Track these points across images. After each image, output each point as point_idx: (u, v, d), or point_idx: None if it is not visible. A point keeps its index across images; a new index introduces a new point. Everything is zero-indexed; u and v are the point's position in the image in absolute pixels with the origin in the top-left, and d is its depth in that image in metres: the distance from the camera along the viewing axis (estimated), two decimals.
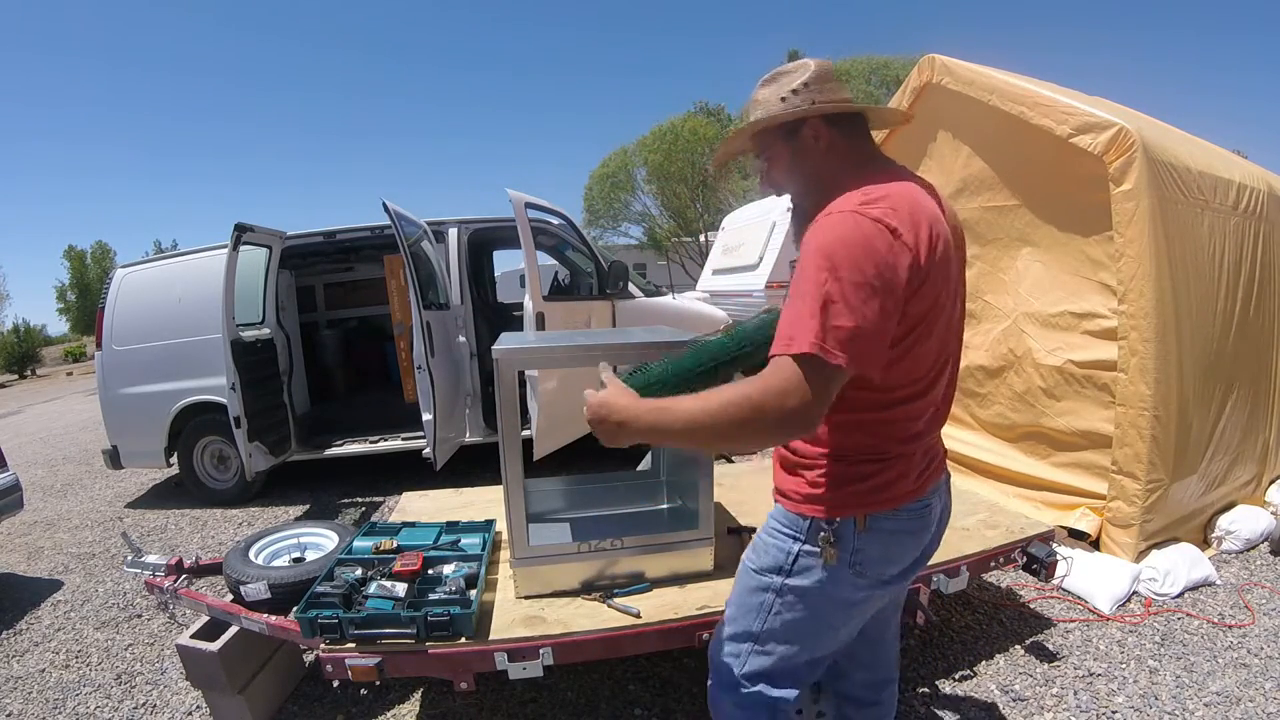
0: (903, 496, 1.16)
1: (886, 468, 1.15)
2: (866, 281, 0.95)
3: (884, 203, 1.02)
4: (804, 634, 1.24)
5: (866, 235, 0.98)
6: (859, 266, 0.95)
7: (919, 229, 1.02)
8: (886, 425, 1.14)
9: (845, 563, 1.16)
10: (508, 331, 2.65)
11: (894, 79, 19.42)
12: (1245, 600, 2.67)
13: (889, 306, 0.97)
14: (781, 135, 1.19)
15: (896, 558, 1.20)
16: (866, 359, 0.96)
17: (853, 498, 1.15)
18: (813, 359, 0.93)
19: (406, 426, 4.95)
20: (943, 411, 1.23)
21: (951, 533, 2.28)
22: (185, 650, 2.10)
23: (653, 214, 25.02)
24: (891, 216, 1.00)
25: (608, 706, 2.18)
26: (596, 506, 2.37)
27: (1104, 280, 3.00)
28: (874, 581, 1.19)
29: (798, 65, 1.19)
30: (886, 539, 1.17)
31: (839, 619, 1.24)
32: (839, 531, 1.16)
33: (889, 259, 0.97)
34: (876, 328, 0.96)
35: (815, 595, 1.20)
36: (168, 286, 4.80)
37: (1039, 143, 3.16)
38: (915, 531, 1.20)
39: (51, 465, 6.70)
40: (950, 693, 2.18)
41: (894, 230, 0.99)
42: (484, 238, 5.33)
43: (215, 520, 4.45)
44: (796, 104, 1.15)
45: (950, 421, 4.13)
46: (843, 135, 1.18)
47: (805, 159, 1.19)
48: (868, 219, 0.99)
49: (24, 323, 24.83)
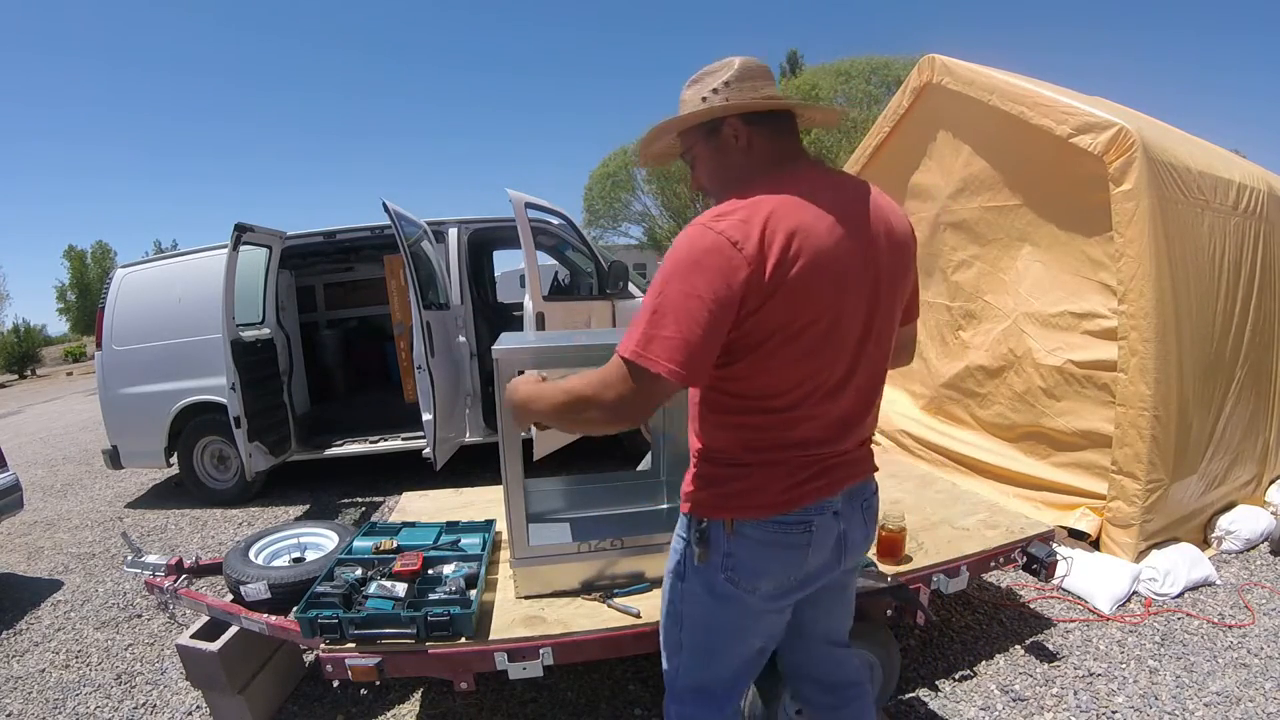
0: (765, 507, 1.13)
1: (745, 474, 1.14)
2: (694, 294, 0.98)
3: (738, 214, 1.02)
4: (711, 639, 1.23)
5: (704, 249, 1.00)
6: (690, 279, 0.99)
7: (770, 243, 1.00)
8: (749, 432, 1.13)
9: (718, 566, 1.17)
10: (508, 331, 2.65)
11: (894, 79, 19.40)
12: (1245, 600, 2.67)
13: (716, 319, 0.99)
14: (703, 135, 1.18)
15: (768, 572, 1.16)
16: (689, 369, 0.99)
17: (716, 500, 1.16)
18: (631, 363, 1.00)
19: (406, 426, 4.95)
20: (842, 432, 1.17)
21: (952, 532, 2.31)
22: (185, 650, 2.10)
23: (653, 214, 25.02)
24: (738, 229, 1.00)
25: (608, 706, 2.18)
26: (596, 506, 2.37)
27: (1104, 280, 3.00)
28: (750, 592, 1.16)
29: (722, 64, 1.17)
30: (755, 548, 1.15)
31: (736, 624, 1.21)
32: (708, 532, 1.17)
33: (722, 273, 0.98)
34: (698, 340, 0.98)
35: (706, 598, 1.20)
36: (168, 286, 4.79)
37: (1039, 143, 3.16)
38: (787, 547, 1.15)
39: (51, 465, 6.69)
40: (950, 693, 2.18)
41: (735, 244, 0.99)
42: (484, 238, 5.32)
43: (215, 520, 4.45)
44: (716, 103, 1.14)
45: (950, 421, 4.11)
46: (763, 134, 1.16)
47: (725, 158, 1.18)
48: (712, 232, 1.01)
49: (24, 323, 24.81)
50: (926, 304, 3.97)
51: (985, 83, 3.39)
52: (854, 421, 1.19)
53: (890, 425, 4.16)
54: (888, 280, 1.15)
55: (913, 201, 3.97)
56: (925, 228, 3.89)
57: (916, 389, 4.13)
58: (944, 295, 3.85)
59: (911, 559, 2.10)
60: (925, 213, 3.88)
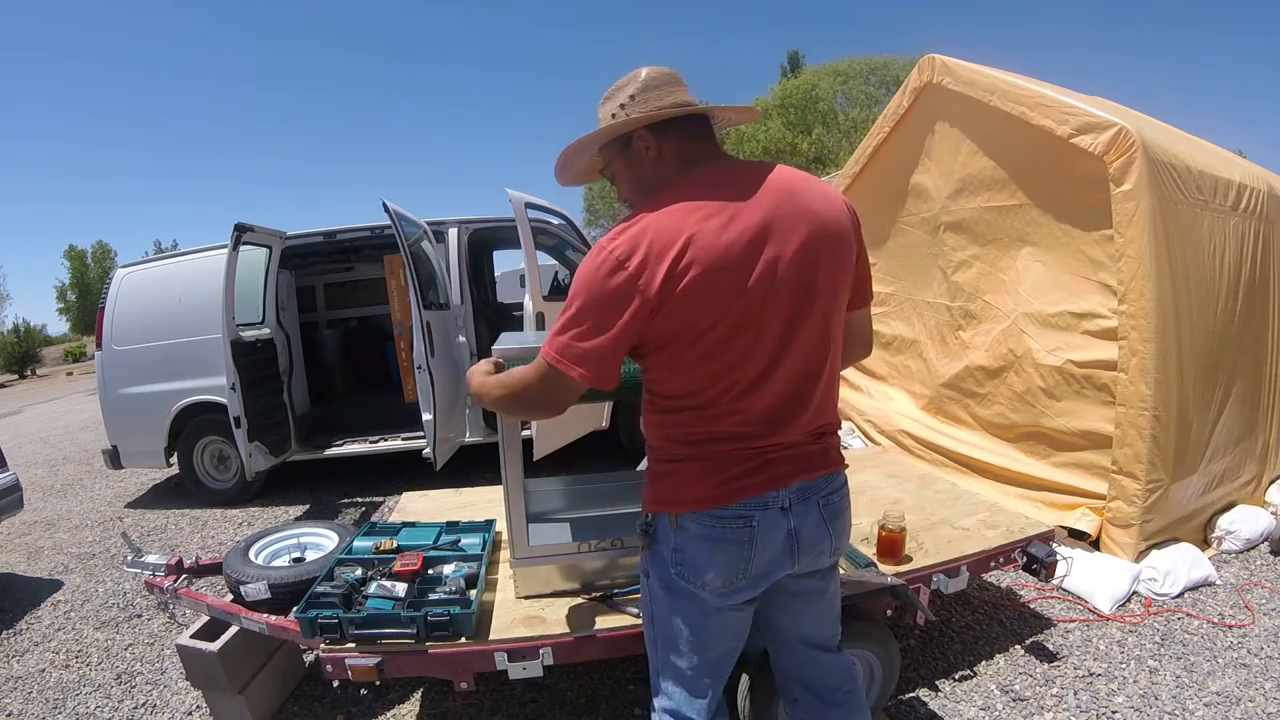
0: (700, 500, 1.16)
1: (678, 469, 1.20)
2: (591, 306, 1.09)
3: (629, 231, 1.08)
4: (676, 636, 1.25)
5: (597, 266, 1.09)
6: (589, 293, 1.09)
7: (659, 256, 1.05)
8: (677, 428, 1.19)
9: (668, 561, 1.22)
10: (508, 331, 2.65)
11: (893, 79, 19.43)
12: (1245, 600, 2.67)
13: (614, 330, 1.08)
14: (617, 150, 1.24)
15: (712, 565, 1.17)
16: (596, 374, 1.10)
17: (659, 494, 1.23)
18: (546, 364, 1.13)
19: (406, 426, 4.95)
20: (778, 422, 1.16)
21: (952, 532, 2.31)
22: (185, 650, 2.10)
23: None
24: (626, 245, 1.07)
25: (608, 706, 2.18)
26: (596, 506, 2.37)
27: (1104, 280, 3.00)
28: (699, 587, 1.19)
29: (629, 77, 1.22)
30: (698, 543, 1.18)
31: (693, 620, 1.23)
32: (654, 526, 1.24)
33: (612, 290, 1.07)
34: (598, 347, 1.08)
35: (663, 594, 1.25)
36: (168, 286, 4.79)
37: (1039, 143, 3.16)
38: (732, 542, 1.16)
39: (51, 465, 6.70)
40: (950, 693, 2.18)
41: (621, 261, 1.07)
42: (484, 238, 5.33)
43: (215, 520, 4.45)
44: (624, 117, 1.18)
45: (950, 421, 4.11)
46: (674, 141, 1.19)
47: (639, 169, 1.23)
48: (605, 251, 1.09)
49: (24, 323, 24.86)
50: (927, 304, 3.97)
51: (986, 83, 3.39)
52: (787, 414, 1.17)
53: (890, 425, 4.16)
54: (811, 269, 1.13)
55: (913, 201, 3.97)
56: (925, 228, 3.89)
57: (916, 389, 4.13)
58: (944, 295, 3.85)
59: (911, 559, 2.10)
60: (925, 213, 3.88)
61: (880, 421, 4.25)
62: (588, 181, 1.46)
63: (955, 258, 3.74)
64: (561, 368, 1.11)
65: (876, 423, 4.27)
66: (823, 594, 1.36)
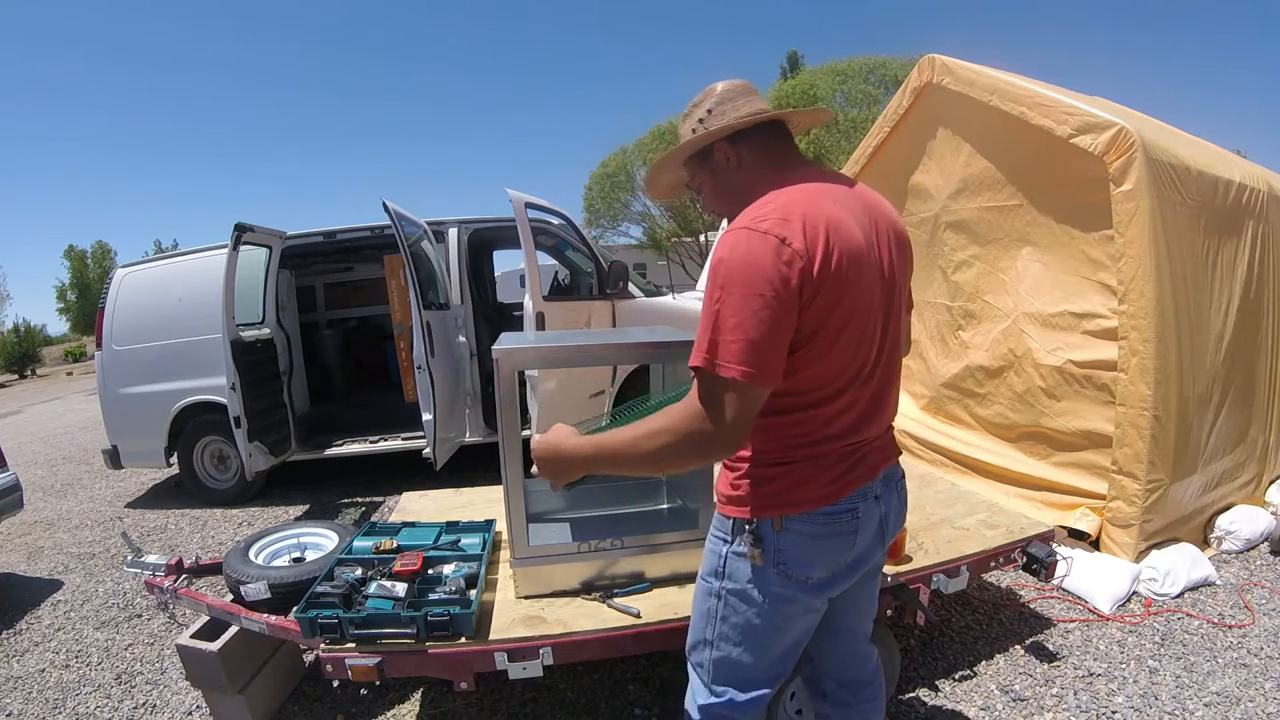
0: (812, 500, 1.16)
1: (790, 471, 1.16)
2: (757, 294, 1.00)
3: (775, 213, 1.05)
4: (751, 637, 1.24)
5: (755, 249, 1.02)
6: (749, 281, 1.00)
7: (813, 236, 1.03)
8: (788, 430, 1.15)
9: (770, 562, 1.19)
10: (508, 331, 2.65)
11: (892, 79, 19.39)
12: (1245, 600, 2.67)
13: (781, 317, 1.01)
14: (699, 163, 1.27)
15: (819, 561, 1.19)
16: (766, 371, 1.01)
17: (764, 499, 1.18)
18: (716, 379, 1.01)
19: (406, 426, 4.95)
20: (871, 417, 1.20)
21: (952, 532, 2.31)
22: (185, 650, 2.10)
23: (653, 214, 25.02)
24: (781, 226, 1.03)
25: (608, 706, 2.18)
26: (596, 506, 2.37)
27: (1104, 280, 3.00)
28: (801, 583, 1.19)
29: (705, 92, 1.25)
30: (805, 541, 1.17)
31: (778, 620, 1.23)
32: (758, 532, 1.19)
33: (779, 270, 1.00)
34: (771, 340, 1.01)
35: (750, 597, 1.21)
36: (168, 286, 4.80)
37: (1039, 143, 3.16)
38: (837, 535, 1.19)
39: (51, 465, 6.70)
40: (950, 693, 2.18)
41: (782, 239, 1.01)
42: (484, 238, 5.33)
43: (215, 520, 4.45)
44: (703, 131, 1.21)
45: (950, 421, 4.11)
46: (752, 149, 1.22)
47: (722, 179, 1.25)
48: (757, 233, 1.03)
49: (24, 323, 24.85)
50: (927, 304, 3.97)
51: (986, 83, 3.39)
52: (882, 408, 1.23)
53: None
54: (899, 271, 1.21)
55: (913, 201, 3.97)
56: (925, 228, 3.89)
57: (916, 389, 4.13)
58: (944, 295, 3.85)
59: (911, 559, 2.10)
60: (925, 213, 3.88)
61: None
62: (676, 196, 1.52)
63: (955, 258, 3.74)
64: (744, 377, 0.99)
65: None
66: (876, 576, 1.41)
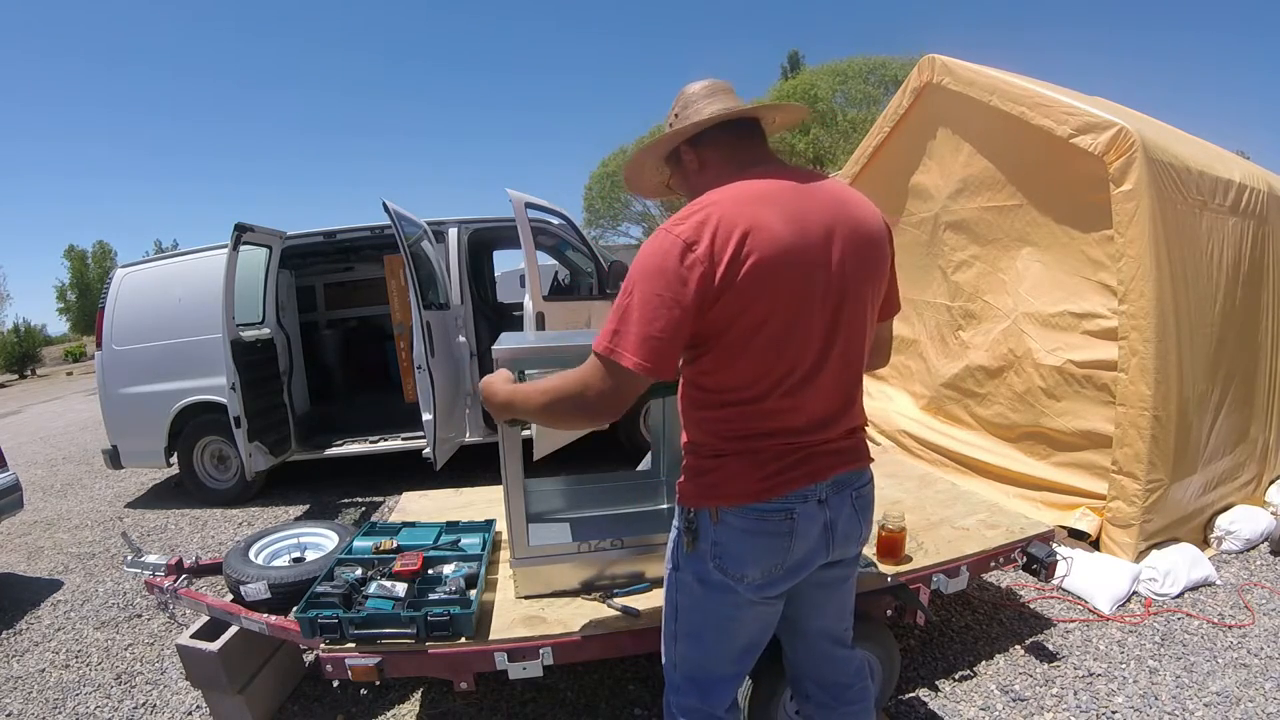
0: (744, 495, 1.17)
1: (723, 464, 1.18)
2: (655, 294, 1.06)
3: (694, 217, 1.08)
4: (704, 629, 1.27)
5: (661, 251, 1.08)
6: (650, 280, 1.07)
7: (724, 240, 1.05)
8: (721, 424, 1.19)
9: (706, 555, 1.21)
10: (508, 331, 2.65)
11: (892, 79, 19.40)
12: (1245, 600, 2.67)
13: (675, 317, 1.06)
14: (672, 165, 1.33)
15: (753, 559, 1.19)
16: (656, 363, 1.06)
17: (700, 490, 1.22)
18: (605, 360, 1.08)
19: (406, 426, 4.94)
20: (823, 419, 1.19)
21: (952, 532, 2.31)
22: (185, 650, 2.10)
23: (652, 214, 25.02)
24: (694, 230, 1.07)
25: (608, 706, 2.18)
26: (596, 506, 2.37)
27: (1104, 280, 3.00)
28: (737, 579, 1.20)
29: (680, 94, 1.30)
30: (738, 536, 1.19)
31: (727, 611, 1.25)
32: (696, 521, 1.22)
33: (678, 273, 1.05)
34: (661, 335, 1.05)
35: (697, 587, 1.25)
36: (168, 286, 4.79)
37: (1039, 143, 3.16)
38: (769, 535, 1.18)
39: (51, 465, 6.69)
40: (950, 693, 2.18)
41: (689, 244, 1.06)
42: (484, 238, 5.32)
43: (215, 520, 4.45)
44: (668, 133, 1.27)
45: (950, 421, 4.10)
46: (717, 149, 1.25)
47: (689, 180, 1.29)
48: (670, 235, 1.08)
49: (24, 323, 24.83)
50: (927, 304, 3.97)
51: (986, 83, 3.39)
52: (830, 412, 1.21)
53: (890, 425, 4.16)
54: (856, 275, 1.18)
55: (913, 201, 3.97)
56: (925, 228, 3.89)
57: (916, 389, 4.13)
58: (944, 295, 3.85)
59: (911, 559, 2.10)
60: (925, 213, 3.88)
61: (880, 422, 4.25)
62: (660, 196, 1.54)
63: (955, 258, 3.74)
64: (618, 359, 1.06)
65: (877, 423, 4.27)
66: (844, 583, 1.40)
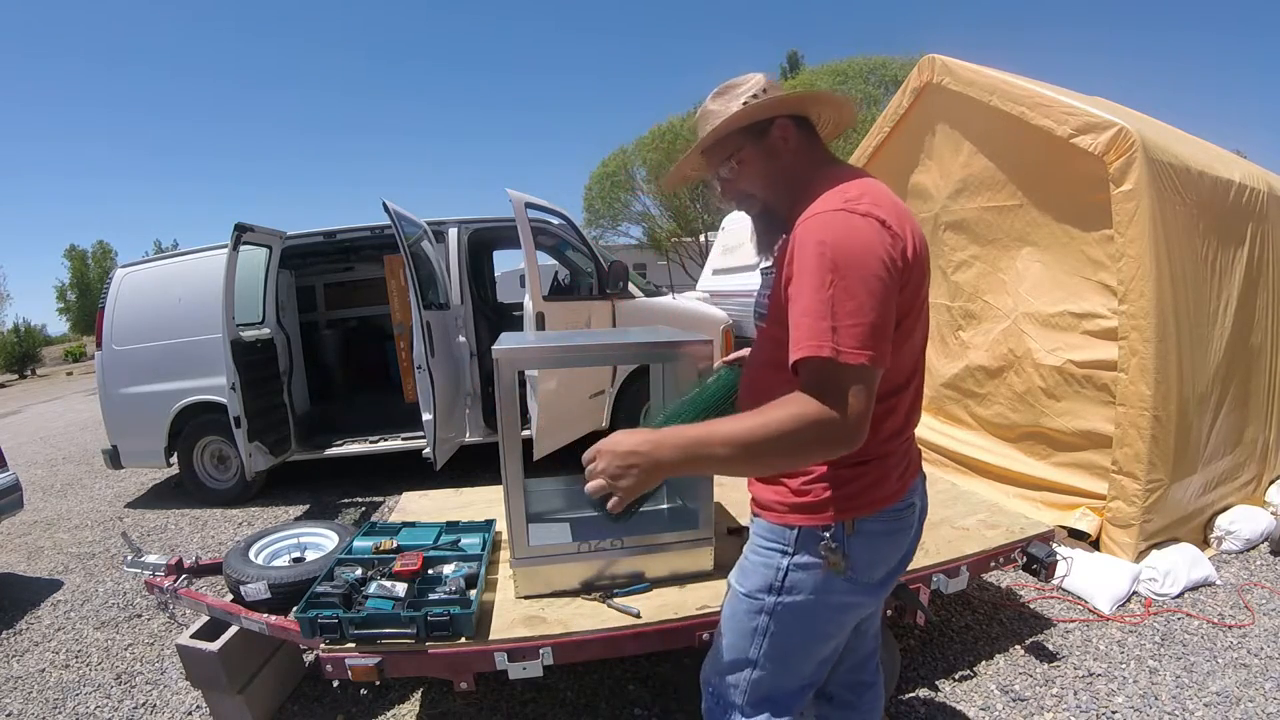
0: (887, 499, 1.16)
1: (867, 471, 1.13)
2: (875, 275, 0.96)
3: (866, 198, 1.02)
4: (800, 650, 1.23)
5: (864, 231, 0.98)
6: (864, 263, 0.96)
7: (900, 222, 1.03)
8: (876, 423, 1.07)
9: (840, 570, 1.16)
10: (508, 331, 2.65)
11: (891, 79, 19.36)
12: (1245, 600, 2.67)
13: (892, 300, 0.98)
14: (751, 138, 1.16)
15: (882, 560, 1.20)
16: (885, 354, 0.96)
17: (841, 502, 1.13)
18: (841, 368, 0.92)
19: (406, 426, 4.95)
20: (916, 407, 1.21)
21: (952, 532, 2.30)
22: (185, 650, 2.10)
23: (653, 214, 24.99)
24: (877, 209, 1.01)
25: (608, 706, 2.18)
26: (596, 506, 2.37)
27: (1104, 280, 3.00)
28: (864, 585, 1.19)
29: (748, 77, 1.18)
30: (873, 541, 1.16)
31: (833, 627, 1.23)
32: (837, 537, 1.14)
33: (887, 251, 0.98)
34: (888, 322, 0.97)
35: (809, 608, 1.18)
36: (168, 286, 4.80)
37: (1039, 143, 3.16)
38: (898, 532, 1.20)
39: (51, 465, 6.69)
40: (950, 693, 2.18)
41: (884, 222, 1.00)
42: (484, 238, 5.33)
43: (215, 520, 4.45)
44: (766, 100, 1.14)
45: (950, 421, 4.10)
46: (806, 137, 1.19)
47: (775, 161, 1.17)
48: (858, 215, 0.99)
49: (24, 322, 24.85)
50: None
51: (986, 83, 3.39)
52: (919, 402, 1.23)
53: None
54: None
55: (913, 201, 3.96)
56: (925, 228, 3.87)
57: None
58: (944, 295, 3.85)
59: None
60: (925, 213, 3.88)
61: None
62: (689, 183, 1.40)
63: (955, 258, 3.74)
64: (871, 362, 0.93)
65: None
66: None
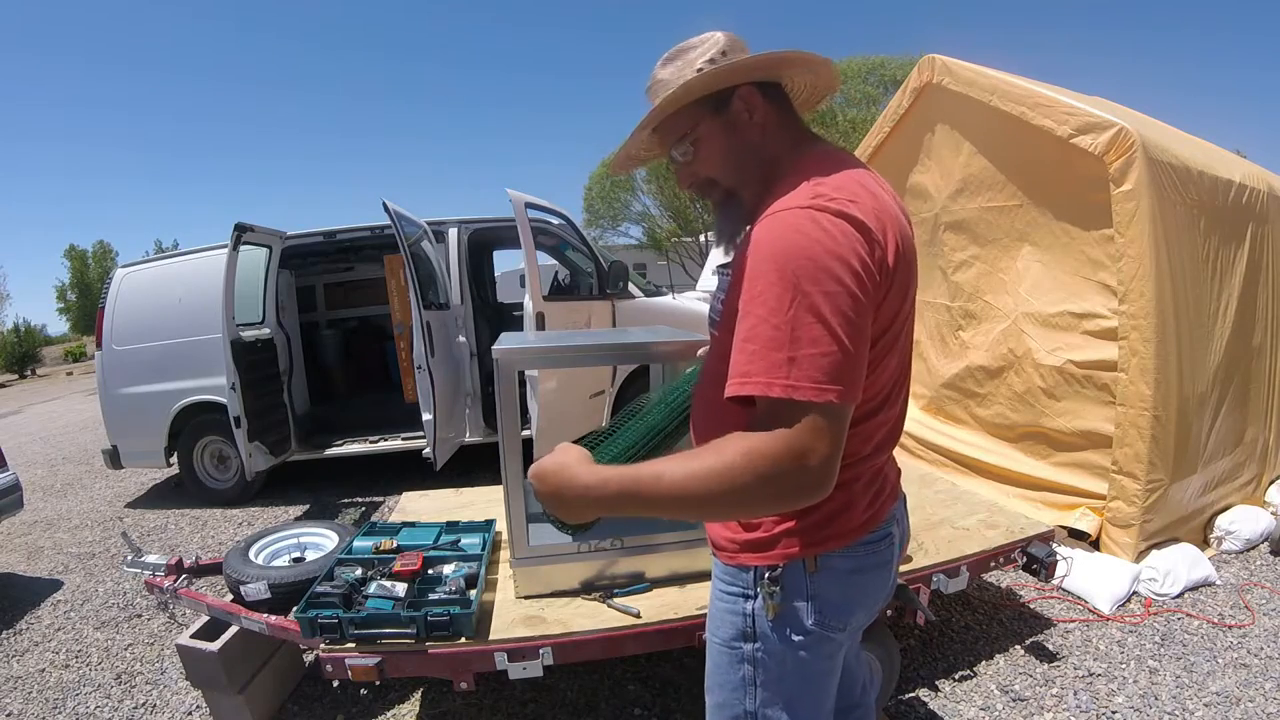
0: (855, 530, 0.98)
1: (830, 497, 0.86)
2: (842, 292, 0.78)
3: (842, 194, 0.84)
4: (798, 695, 1.05)
5: (831, 234, 0.80)
6: (831, 274, 0.78)
7: (880, 223, 0.85)
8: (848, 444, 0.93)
9: (805, 612, 0.99)
10: (508, 331, 2.65)
11: (890, 79, 19.34)
12: (1245, 600, 2.67)
13: (866, 320, 0.82)
14: (709, 110, 0.96)
15: (860, 599, 1.03)
16: (856, 386, 0.80)
17: (800, 535, 0.97)
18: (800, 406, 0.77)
19: (406, 426, 4.95)
20: (896, 430, 1.03)
21: (952, 532, 2.31)
22: (185, 650, 2.10)
23: (653, 214, 24.99)
24: (854, 207, 0.83)
25: (608, 706, 2.18)
26: None
27: (1104, 280, 3.00)
28: (841, 630, 1.02)
29: (704, 37, 0.99)
30: (845, 579, 0.99)
31: (827, 670, 1.06)
32: (784, 579, 0.98)
33: (861, 262, 0.80)
34: (860, 347, 0.81)
35: (789, 654, 1.01)
36: (168, 286, 4.80)
37: (1039, 143, 3.16)
38: (875, 569, 1.03)
39: (51, 465, 6.69)
40: (950, 693, 2.18)
41: (860, 224, 0.82)
42: (484, 238, 5.33)
43: (215, 520, 4.45)
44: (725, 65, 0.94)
45: (950, 421, 4.11)
46: (778, 109, 0.99)
47: (738, 137, 0.97)
48: (828, 214, 0.81)
49: (24, 323, 24.84)
50: (926, 304, 3.97)
51: (986, 83, 3.39)
52: (900, 424, 1.06)
53: None
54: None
55: (913, 201, 3.97)
56: (925, 228, 3.89)
57: (916, 389, 4.13)
58: (944, 295, 3.85)
59: (911, 559, 2.10)
60: (925, 213, 3.88)
61: None
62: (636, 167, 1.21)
63: (955, 258, 3.74)
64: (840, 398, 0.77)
65: None
66: None
